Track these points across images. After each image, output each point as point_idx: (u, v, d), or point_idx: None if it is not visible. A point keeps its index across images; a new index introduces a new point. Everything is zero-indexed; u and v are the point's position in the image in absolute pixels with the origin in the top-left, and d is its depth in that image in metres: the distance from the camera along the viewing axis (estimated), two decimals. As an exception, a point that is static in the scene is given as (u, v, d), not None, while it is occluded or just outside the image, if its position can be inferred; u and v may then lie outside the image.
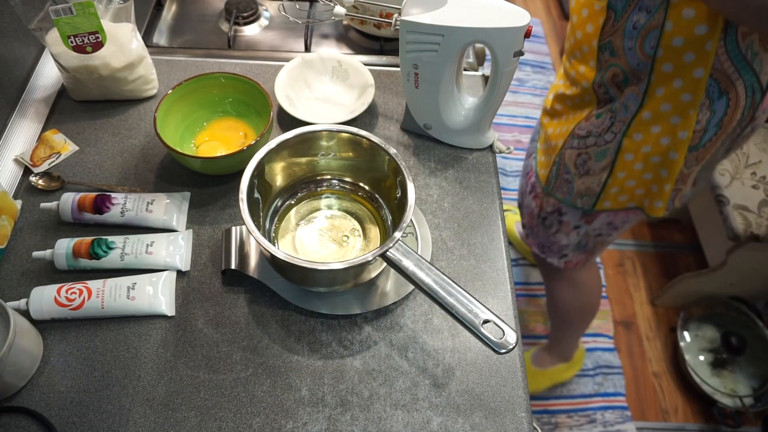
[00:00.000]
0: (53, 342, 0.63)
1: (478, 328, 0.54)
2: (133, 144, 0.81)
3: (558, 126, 0.94)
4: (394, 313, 0.68)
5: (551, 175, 0.96)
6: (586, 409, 1.48)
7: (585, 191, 0.92)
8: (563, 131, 0.92)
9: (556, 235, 1.04)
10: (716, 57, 0.69)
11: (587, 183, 0.90)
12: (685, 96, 0.74)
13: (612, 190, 0.89)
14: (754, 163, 1.42)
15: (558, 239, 1.05)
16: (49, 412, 0.59)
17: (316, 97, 0.89)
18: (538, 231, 1.07)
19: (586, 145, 0.87)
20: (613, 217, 0.95)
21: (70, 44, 0.76)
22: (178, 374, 0.62)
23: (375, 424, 0.60)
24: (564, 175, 0.93)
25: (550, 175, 0.96)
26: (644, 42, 0.72)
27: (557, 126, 0.94)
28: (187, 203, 0.75)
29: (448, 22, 0.67)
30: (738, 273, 1.48)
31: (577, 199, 0.94)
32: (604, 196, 0.90)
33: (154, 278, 0.66)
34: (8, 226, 0.70)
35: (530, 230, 1.10)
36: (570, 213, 0.98)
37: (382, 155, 0.66)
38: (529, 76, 2.21)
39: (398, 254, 0.57)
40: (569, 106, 0.91)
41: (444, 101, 0.77)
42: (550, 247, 1.09)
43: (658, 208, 0.89)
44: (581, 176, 0.91)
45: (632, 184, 0.87)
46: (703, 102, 0.74)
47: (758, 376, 1.50)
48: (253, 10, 1.06)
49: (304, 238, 0.70)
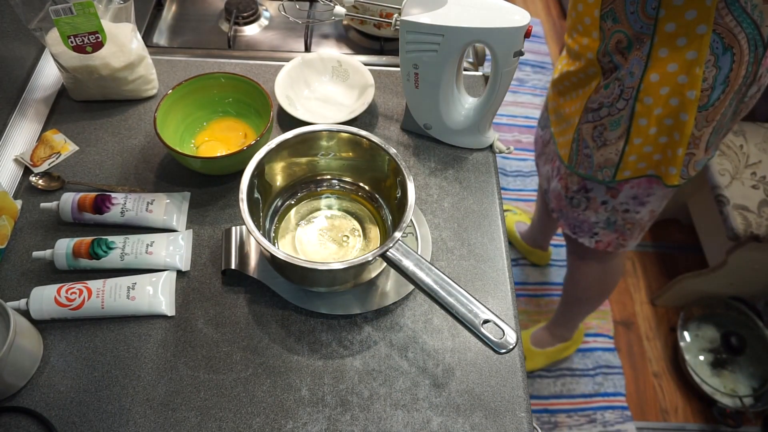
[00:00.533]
0: (53, 342, 0.63)
1: (478, 328, 0.54)
2: (133, 144, 0.81)
3: (570, 104, 0.95)
4: (394, 313, 0.68)
5: (572, 153, 0.98)
6: (586, 409, 1.48)
7: (605, 163, 0.93)
8: (577, 108, 0.93)
9: (585, 213, 1.05)
10: (717, 12, 0.71)
11: (606, 154, 0.92)
12: (690, 54, 0.75)
13: (630, 158, 0.90)
14: (754, 163, 1.42)
15: (587, 217, 1.05)
16: (49, 412, 0.59)
17: (316, 97, 0.89)
18: (568, 211, 1.08)
19: (600, 116, 0.89)
20: (636, 189, 0.95)
21: (70, 44, 0.76)
22: (178, 374, 0.62)
23: (375, 424, 0.60)
24: (584, 150, 0.95)
25: (571, 152, 0.98)
26: (646, 4, 0.74)
27: (569, 104, 0.96)
28: (187, 203, 0.75)
29: (448, 22, 0.67)
30: (738, 273, 1.48)
31: (598, 172, 0.95)
32: (624, 165, 0.91)
33: (154, 278, 0.66)
34: (8, 226, 0.70)
35: (560, 212, 1.10)
36: (595, 188, 0.99)
37: (382, 155, 0.66)
38: (529, 76, 2.21)
39: (398, 254, 0.57)
40: (575, 83, 0.92)
41: (444, 101, 0.77)
42: (580, 226, 1.09)
43: (673, 174, 0.89)
44: (599, 148, 0.92)
45: (649, 150, 0.88)
46: (708, 59, 0.75)
47: (758, 376, 1.51)
48: (253, 10, 1.06)
49: (304, 238, 0.70)
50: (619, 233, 1.06)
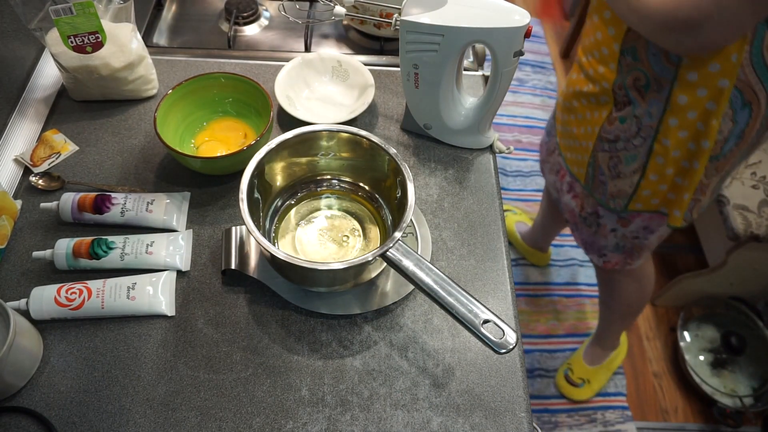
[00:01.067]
0: (53, 342, 0.63)
1: (478, 328, 0.54)
2: (133, 144, 0.81)
3: (580, 125, 0.94)
4: (394, 313, 0.68)
5: (588, 176, 0.96)
6: (586, 409, 1.48)
7: (617, 193, 0.92)
8: (589, 132, 0.92)
9: (595, 235, 1.05)
10: (741, 68, 0.69)
11: (619, 185, 0.91)
12: (710, 104, 0.74)
13: (644, 192, 0.89)
14: (754, 163, 1.42)
15: (597, 239, 1.05)
16: (49, 412, 0.59)
17: (316, 97, 0.89)
18: (582, 228, 1.07)
19: (617, 149, 0.88)
20: (648, 221, 0.95)
21: (70, 44, 0.76)
22: (178, 374, 0.62)
23: (375, 424, 0.60)
24: (599, 176, 0.94)
25: (587, 175, 0.97)
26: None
27: (579, 125, 0.94)
28: (187, 203, 0.75)
29: (448, 22, 0.67)
30: (738, 273, 1.48)
31: (611, 200, 0.94)
32: (636, 198, 0.91)
33: (154, 278, 0.66)
34: (8, 226, 0.70)
35: (574, 227, 1.10)
36: (606, 216, 0.98)
37: (382, 155, 0.66)
38: (529, 76, 2.21)
39: (398, 254, 0.57)
40: (585, 105, 0.91)
41: (444, 101, 0.77)
42: (591, 245, 1.09)
43: (677, 217, 0.89)
44: (613, 179, 0.91)
45: (664, 188, 0.88)
46: (726, 112, 0.74)
47: (758, 376, 1.50)
48: (253, 10, 1.06)
49: (304, 238, 0.70)
50: (626, 255, 1.06)
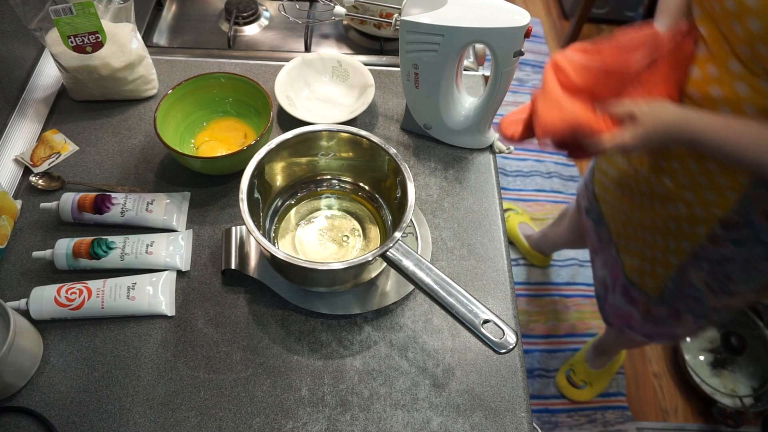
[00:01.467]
0: (53, 342, 0.63)
1: (478, 328, 0.54)
2: (133, 144, 0.81)
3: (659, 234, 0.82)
4: (394, 313, 0.68)
5: (666, 289, 0.87)
6: (586, 409, 1.48)
7: (723, 307, 0.85)
8: (672, 247, 0.81)
9: (669, 328, 0.96)
10: None
11: (728, 302, 0.83)
12: None
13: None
14: (754, 164, 1.42)
15: (671, 329, 0.97)
16: (49, 412, 0.59)
17: (316, 97, 0.89)
18: (644, 327, 0.99)
19: (725, 270, 0.78)
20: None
21: (70, 44, 0.76)
22: (178, 374, 0.62)
23: (375, 424, 0.60)
24: (688, 291, 0.84)
25: (665, 288, 0.87)
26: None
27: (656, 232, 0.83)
28: (187, 203, 0.75)
29: (448, 22, 0.67)
30: (738, 273, 1.48)
31: (713, 313, 0.86)
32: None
33: (154, 278, 0.66)
34: (8, 226, 0.70)
35: (627, 327, 1.03)
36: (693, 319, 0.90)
37: (382, 155, 0.66)
38: (529, 76, 2.21)
39: (398, 254, 0.57)
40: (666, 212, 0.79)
41: (444, 101, 0.77)
42: (660, 335, 1.01)
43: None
44: (719, 296, 0.82)
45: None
46: None
47: (758, 376, 1.50)
48: (253, 10, 1.06)
49: (304, 238, 0.70)
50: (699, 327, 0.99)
